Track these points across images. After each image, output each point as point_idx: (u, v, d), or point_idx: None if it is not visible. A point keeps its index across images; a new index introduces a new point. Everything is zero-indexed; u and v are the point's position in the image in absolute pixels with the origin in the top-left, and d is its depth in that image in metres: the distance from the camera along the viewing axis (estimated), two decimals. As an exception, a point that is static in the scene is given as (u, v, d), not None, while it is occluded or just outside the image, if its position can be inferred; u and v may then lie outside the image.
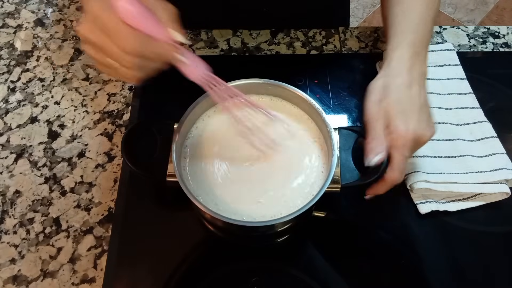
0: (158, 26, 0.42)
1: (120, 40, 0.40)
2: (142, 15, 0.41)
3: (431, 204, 0.56)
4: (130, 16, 0.40)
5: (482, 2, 1.97)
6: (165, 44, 0.42)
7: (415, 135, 0.49)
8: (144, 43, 0.41)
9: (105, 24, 0.40)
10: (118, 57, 0.41)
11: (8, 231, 0.56)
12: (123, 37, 0.40)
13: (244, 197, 0.51)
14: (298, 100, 0.56)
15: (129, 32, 0.40)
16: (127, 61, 0.41)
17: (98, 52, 0.42)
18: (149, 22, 0.41)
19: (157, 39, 0.41)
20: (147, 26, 0.41)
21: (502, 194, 0.57)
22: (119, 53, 0.41)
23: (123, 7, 0.40)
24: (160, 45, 0.42)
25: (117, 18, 0.40)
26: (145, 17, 0.41)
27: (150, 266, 0.54)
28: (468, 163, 0.58)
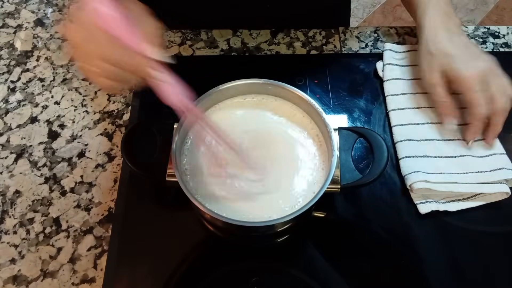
0: (135, 37, 0.40)
1: (97, 45, 0.40)
2: (119, 21, 0.40)
3: (431, 204, 0.56)
4: (105, 20, 0.39)
5: (482, 2, 1.97)
6: (142, 57, 0.40)
7: (478, 70, 0.54)
8: (119, 51, 0.40)
9: (86, 26, 0.40)
10: (91, 61, 0.40)
11: (8, 231, 0.56)
12: (99, 42, 0.39)
13: (244, 196, 0.51)
14: (298, 100, 0.56)
15: (106, 38, 0.39)
16: (102, 67, 0.40)
17: (80, 54, 0.41)
18: (125, 30, 0.40)
19: (133, 50, 0.40)
20: (122, 33, 0.40)
21: (502, 194, 0.57)
22: (93, 57, 0.40)
23: (98, 9, 0.39)
24: (137, 57, 0.40)
25: (97, 22, 0.39)
26: (122, 24, 0.40)
27: (150, 266, 0.54)
28: (468, 163, 0.58)
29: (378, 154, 0.53)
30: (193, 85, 0.45)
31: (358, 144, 0.61)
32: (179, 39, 0.73)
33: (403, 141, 0.60)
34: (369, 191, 0.59)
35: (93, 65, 0.41)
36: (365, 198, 0.59)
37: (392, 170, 0.60)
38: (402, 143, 0.60)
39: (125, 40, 0.40)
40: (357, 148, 0.62)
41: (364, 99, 0.67)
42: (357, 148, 0.62)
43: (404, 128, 0.62)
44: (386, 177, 0.60)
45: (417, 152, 0.59)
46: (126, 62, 0.40)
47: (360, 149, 0.62)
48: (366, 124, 0.65)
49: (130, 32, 0.40)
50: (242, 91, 0.58)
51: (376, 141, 0.53)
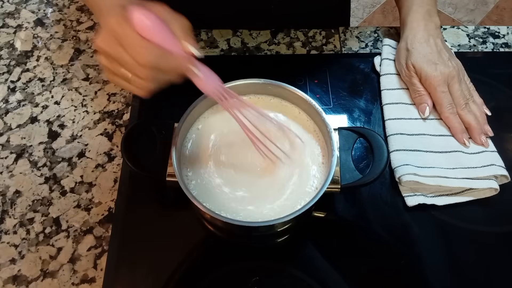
0: (173, 39, 0.42)
1: (136, 52, 0.41)
2: (157, 28, 0.42)
3: (418, 197, 0.57)
4: (145, 29, 0.41)
5: (482, 2, 1.97)
6: (179, 57, 0.43)
7: (443, 73, 0.61)
8: (158, 56, 0.42)
9: (121, 37, 0.41)
10: (132, 68, 0.42)
11: (8, 231, 0.56)
12: (138, 50, 0.41)
13: (244, 196, 0.51)
14: (298, 100, 0.56)
15: (145, 45, 0.41)
16: (142, 72, 0.42)
17: (112, 62, 0.43)
18: (163, 35, 0.42)
19: (171, 52, 0.42)
20: (162, 39, 0.42)
21: (491, 190, 0.57)
22: (134, 65, 0.41)
23: (140, 19, 0.41)
24: (175, 58, 0.43)
25: (133, 31, 0.41)
26: (160, 30, 0.42)
27: (150, 266, 0.54)
28: (459, 159, 0.59)
29: (378, 154, 0.53)
30: (193, 85, 0.46)
31: (358, 144, 0.61)
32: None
33: (395, 134, 0.61)
34: (369, 191, 0.59)
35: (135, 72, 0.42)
36: (365, 198, 0.59)
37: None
38: (394, 136, 0.61)
39: (166, 45, 0.42)
40: (357, 148, 0.62)
41: (364, 99, 0.67)
42: (357, 148, 0.62)
43: (397, 122, 0.62)
44: (386, 177, 0.60)
45: (408, 145, 0.60)
46: (166, 64, 0.42)
47: (360, 149, 0.62)
48: (366, 124, 0.65)
49: (166, 35, 0.42)
50: (242, 91, 0.58)
51: (376, 141, 0.53)
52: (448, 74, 0.61)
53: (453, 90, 0.61)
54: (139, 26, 0.41)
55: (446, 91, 0.61)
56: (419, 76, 0.62)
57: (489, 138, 0.61)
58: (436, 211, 0.57)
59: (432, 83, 0.61)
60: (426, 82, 0.62)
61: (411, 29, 0.65)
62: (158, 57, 0.42)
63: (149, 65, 0.41)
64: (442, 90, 0.61)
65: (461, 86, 0.62)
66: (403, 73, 0.65)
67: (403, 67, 0.64)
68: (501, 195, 0.57)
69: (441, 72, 0.61)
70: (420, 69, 0.62)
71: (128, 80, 0.43)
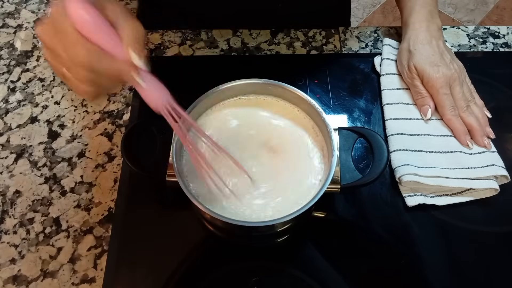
0: (116, 42, 0.38)
1: (71, 50, 0.37)
2: (99, 26, 0.38)
3: (418, 197, 0.57)
4: (84, 25, 0.37)
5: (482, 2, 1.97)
6: (120, 61, 0.38)
7: (445, 75, 0.61)
8: (96, 57, 0.38)
9: (58, 29, 0.37)
10: (69, 68, 0.39)
11: (8, 231, 0.56)
12: (74, 47, 0.37)
13: (244, 196, 0.51)
14: (298, 100, 0.56)
15: (81, 43, 0.37)
16: (78, 73, 0.38)
17: (53, 57, 0.39)
18: (105, 35, 0.38)
19: (111, 55, 0.38)
20: (102, 39, 0.38)
21: (491, 191, 0.57)
22: (69, 63, 0.38)
23: (77, 13, 0.37)
24: (116, 63, 0.38)
25: (71, 25, 0.37)
26: (102, 29, 0.38)
27: (150, 266, 0.54)
28: (459, 159, 0.59)
29: (378, 154, 0.53)
30: (193, 85, 0.46)
31: (358, 144, 0.61)
32: (179, 39, 0.73)
33: (395, 134, 0.61)
34: (369, 191, 0.59)
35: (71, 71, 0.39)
36: (365, 198, 0.59)
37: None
38: (394, 136, 0.61)
39: (106, 47, 0.38)
40: (357, 148, 0.62)
41: (364, 99, 0.67)
42: (357, 148, 0.62)
43: (397, 122, 0.62)
44: (386, 177, 0.60)
45: (408, 146, 0.60)
46: (105, 68, 0.38)
47: (360, 149, 0.62)
48: (366, 124, 0.65)
49: (111, 38, 0.38)
50: (242, 91, 0.58)
51: (376, 141, 0.53)
52: (450, 76, 0.61)
53: (455, 92, 0.61)
54: (77, 21, 0.37)
55: (448, 93, 0.61)
56: (421, 77, 0.62)
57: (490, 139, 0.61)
58: (436, 211, 0.57)
59: (434, 85, 0.61)
60: (428, 84, 0.62)
61: (413, 30, 0.64)
62: (95, 58, 0.37)
63: (84, 66, 0.38)
64: (444, 92, 0.61)
65: (462, 88, 0.62)
66: (405, 75, 0.65)
67: (405, 68, 0.64)
68: (501, 195, 0.57)
69: (444, 74, 0.61)
70: (423, 71, 0.61)
71: (66, 79, 0.40)
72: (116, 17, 0.39)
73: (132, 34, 0.39)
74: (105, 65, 0.38)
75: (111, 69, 0.39)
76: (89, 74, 0.38)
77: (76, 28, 0.37)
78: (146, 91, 0.41)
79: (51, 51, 0.39)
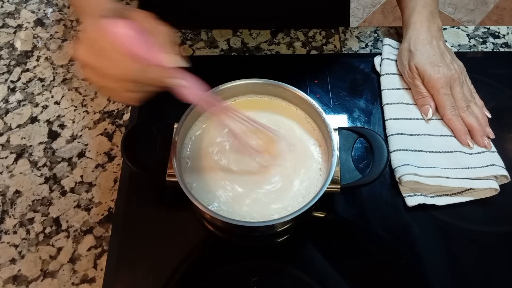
0: (154, 51, 0.41)
1: (116, 66, 0.40)
2: (138, 39, 0.40)
3: (418, 197, 0.57)
4: (125, 41, 0.39)
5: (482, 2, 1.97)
6: (161, 69, 0.41)
7: (445, 75, 0.61)
8: (138, 70, 0.40)
9: (101, 48, 0.40)
10: (114, 82, 0.41)
11: (8, 231, 0.56)
12: (118, 63, 0.40)
13: (244, 196, 0.51)
14: (298, 100, 0.56)
15: (125, 58, 0.40)
16: (123, 86, 0.41)
17: (97, 75, 0.41)
18: (145, 46, 0.40)
19: (153, 64, 0.41)
20: (143, 51, 0.40)
21: (491, 191, 0.57)
22: (115, 78, 0.40)
23: (118, 32, 0.39)
24: (157, 70, 0.41)
25: (112, 44, 0.39)
26: (141, 41, 0.40)
27: (150, 266, 0.54)
28: (459, 159, 0.59)
29: (378, 154, 0.53)
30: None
31: (358, 144, 0.61)
32: (179, 39, 0.73)
33: (395, 134, 0.61)
34: (369, 191, 0.59)
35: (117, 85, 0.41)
36: (365, 198, 0.59)
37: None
38: (394, 136, 0.61)
39: (145, 56, 0.40)
40: (357, 148, 0.62)
41: (364, 99, 0.67)
42: (357, 148, 0.62)
43: (397, 122, 0.62)
44: (386, 177, 0.60)
45: (409, 146, 0.60)
46: (148, 77, 0.41)
47: (360, 149, 0.62)
48: (366, 124, 0.65)
49: (148, 47, 0.40)
50: (242, 91, 0.58)
51: (376, 141, 0.53)
52: (451, 76, 0.61)
53: (455, 93, 0.61)
54: (118, 40, 0.39)
55: (449, 93, 0.61)
56: (422, 77, 0.62)
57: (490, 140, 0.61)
58: (436, 211, 0.57)
59: (435, 85, 0.61)
60: (429, 84, 0.62)
61: (414, 30, 0.64)
62: (139, 71, 0.40)
63: (130, 79, 0.40)
64: (445, 93, 0.61)
65: (463, 88, 0.62)
66: (406, 75, 0.65)
67: (406, 68, 0.64)
68: (501, 195, 0.57)
69: (444, 74, 0.61)
70: (423, 71, 0.62)
71: (113, 92, 0.43)
72: (143, 25, 0.41)
73: (163, 38, 0.42)
74: (146, 74, 0.41)
75: (153, 76, 0.41)
76: (136, 85, 0.41)
77: (118, 45, 0.39)
78: (187, 89, 0.44)
79: (93, 70, 0.41)
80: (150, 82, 0.42)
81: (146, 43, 0.40)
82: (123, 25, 0.39)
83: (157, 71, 0.41)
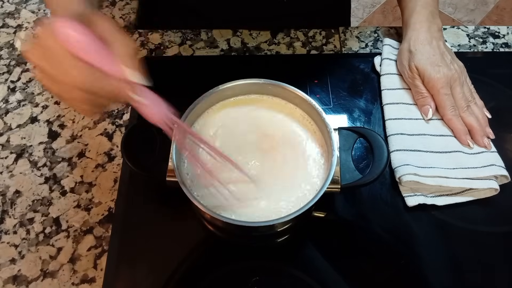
0: (109, 60, 0.37)
1: (65, 72, 0.36)
2: (89, 45, 0.36)
3: (418, 197, 0.57)
4: (75, 45, 0.36)
5: (482, 2, 1.97)
6: (117, 81, 0.38)
7: (446, 76, 0.61)
8: (91, 78, 0.37)
9: (49, 51, 0.36)
10: (65, 89, 0.38)
11: (8, 231, 0.56)
12: (67, 69, 0.36)
13: (244, 197, 0.51)
14: (298, 100, 0.56)
15: (74, 64, 0.36)
16: (74, 94, 0.37)
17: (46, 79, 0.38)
18: (97, 54, 0.37)
19: (107, 74, 0.37)
20: (94, 58, 0.37)
21: (491, 191, 0.57)
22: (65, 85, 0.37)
23: (66, 33, 0.36)
24: (112, 82, 0.38)
25: (62, 46, 0.36)
26: (95, 48, 0.37)
27: (150, 266, 0.54)
28: (459, 159, 0.59)
29: (378, 154, 0.53)
30: (193, 85, 0.46)
31: (358, 144, 0.61)
32: (179, 39, 0.73)
33: (395, 134, 0.61)
34: (369, 191, 0.59)
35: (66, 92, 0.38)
36: (365, 198, 0.59)
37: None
38: (394, 136, 0.61)
39: (98, 65, 0.37)
40: (357, 148, 0.62)
41: (364, 99, 0.67)
42: (357, 148, 0.62)
43: (397, 122, 0.62)
44: (386, 177, 0.60)
45: (409, 146, 0.60)
46: (102, 88, 0.37)
47: (360, 149, 0.62)
48: (366, 124, 0.65)
49: (103, 56, 0.37)
50: (242, 91, 0.58)
51: (376, 141, 0.53)
52: (451, 76, 0.61)
53: (455, 93, 0.61)
54: (67, 42, 0.35)
55: (449, 93, 0.61)
56: (422, 78, 0.62)
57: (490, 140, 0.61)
58: (436, 211, 0.57)
59: (435, 86, 0.61)
60: (429, 84, 0.62)
61: (414, 30, 0.64)
62: (90, 79, 0.36)
63: (80, 87, 0.37)
64: (445, 93, 0.61)
65: (463, 88, 0.62)
66: (406, 75, 0.65)
67: (406, 68, 0.64)
68: (501, 195, 0.57)
69: (444, 74, 0.61)
70: (424, 71, 0.62)
71: (62, 99, 0.39)
72: (105, 33, 0.38)
73: (124, 50, 0.38)
74: (100, 85, 0.37)
75: (107, 88, 0.38)
76: (85, 95, 0.37)
77: (67, 49, 0.36)
78: (144, 107, 0.40)
79: (43, 73, 0.38)
80: (103, 94, 0.38)
81: (99, 49, 0.37)
82: (73, 27, 0.36)
83: (114, 83, 0.37)
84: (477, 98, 0.63)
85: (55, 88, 0.38)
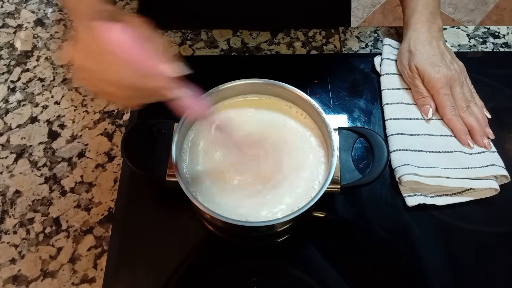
0: (151, 59, 0.39)
1: (111, 71, 0.38)
2: (135, 46, 0.38)
3: (418, 197, 0.57)
4: (122, 47, 0.38)
5: (482, 2, 1.97)
6: (161, 78, 0.39)
7: (446, 76, 0.61)
8: (136, 76, 0.38)
9: (96, 52, 0.38)
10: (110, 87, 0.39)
11: (8, 231, 0.56)
12: (115, 67, 0.38)
13: (244, 196, 0.51)
14: (298, 100, 0.56)
15: (121, 62, 0.38)
16: (119, 91, 0.39)
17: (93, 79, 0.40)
18: (141, 54, 0.38)
19: (152, 72, 0.39)
20: (139, 57, 0.38)
21: (491, 191, 0.57)
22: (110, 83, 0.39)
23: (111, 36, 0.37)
24: (156, 79, 0.39)
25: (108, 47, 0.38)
26: (139, 48, 0.38)
27: (150, 266, 0.54)
28: (459, 159, 0.59)
29: (378, 154, 0.53)
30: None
31: (358, 144, 0.61)
32: (179, 39, 0.73)
33: (395, 134, 0.61)
34: (369, 191, 0.59)
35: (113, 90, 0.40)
36: (365, 198, 0.59)
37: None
38: (394, 136, 0.61)
39: (142, 64, 0.38)
40: (357, 148, 0.62)
41: (364, 99, 0.67)
42: (357, 148, 0.62)
43: (397, 122, 0.62)
44: (386, 177, 0.60)
45: (408, 145, 0.60)
46: (146, 85, 0.39)
47: (360, 149, 0.62)
48: (366, 124, 0.65)
49: (145, 55, 0.39)
50: (242, 91, 0.58)
51: (376, 141, 0.53)
52: (451, 76, 0.61)
53: (455, 93, 0.61)
54: (114, 43, 0.37)
55: (449, 93, 0.61)
56: (422, 78, 0.62)
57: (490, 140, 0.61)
58: (436, 211, 0.57)
59: (435, 86, 0.61)
60: (429, 84, 0.62)
61: (414, 30, 0.65)
62: (135, 77, 0.38)
63: (127, 86, 0.39)
64: (445, 93, 0.61)
65: (463, 88, 0.62)
66: (406, 75, 0.65)
67: (406, 68, 0.64)
68: (501, 195, 0.57)
69: (444, 74, 0.61)
70: (424, 71, 0.62)
71: (111, 96, 0.41)
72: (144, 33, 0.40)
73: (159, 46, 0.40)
74: (146, 83, 0.39)
75: (151, 84, 0.40)
76: (132, 92, 0.40)
77: (112, 50, 0.38)
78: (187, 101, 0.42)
79: (89, 73, 0.40)
80: (148, 91, 0.40)
81: (144, 50, 0.38)
82: (118, 30, 0.38)
83: (156, 80, 0.39)
84: (477, 98, 0.63)
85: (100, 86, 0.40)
